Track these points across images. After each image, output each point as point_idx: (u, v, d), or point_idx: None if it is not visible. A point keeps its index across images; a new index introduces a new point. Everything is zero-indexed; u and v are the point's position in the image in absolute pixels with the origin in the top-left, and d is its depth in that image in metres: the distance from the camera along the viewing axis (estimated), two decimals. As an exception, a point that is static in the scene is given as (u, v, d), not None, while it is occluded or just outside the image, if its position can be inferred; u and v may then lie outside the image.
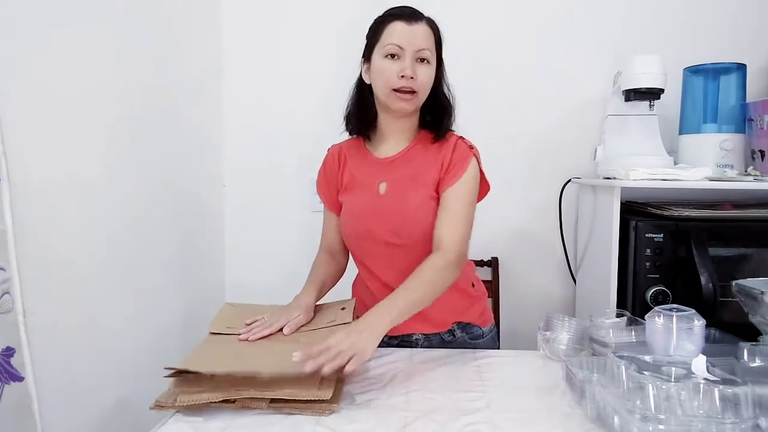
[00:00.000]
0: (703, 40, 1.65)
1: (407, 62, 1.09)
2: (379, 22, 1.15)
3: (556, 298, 1.75)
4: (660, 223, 1.32)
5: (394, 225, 1.14)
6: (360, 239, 1.19)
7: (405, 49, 1.09)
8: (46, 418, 0.98)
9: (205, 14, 1.72)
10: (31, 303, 0.96)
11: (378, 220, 1.15)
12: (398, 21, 1.11)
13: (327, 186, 1.26)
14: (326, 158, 1.28)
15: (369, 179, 1.18)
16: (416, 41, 1.10)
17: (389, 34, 1.11)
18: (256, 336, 1.02)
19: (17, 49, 0.96)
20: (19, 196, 0.94)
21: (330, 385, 0.87)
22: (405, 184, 1.15)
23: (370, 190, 1.17)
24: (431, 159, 1.16)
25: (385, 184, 1.17)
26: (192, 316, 1.56)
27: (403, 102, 1.11)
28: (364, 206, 1.17)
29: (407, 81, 1.09)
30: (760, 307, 0.97)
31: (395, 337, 1.22)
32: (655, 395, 0.72)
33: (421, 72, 1.11)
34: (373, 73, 1.14)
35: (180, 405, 0.84)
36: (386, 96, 1.12)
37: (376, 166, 1.19)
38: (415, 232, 1.13)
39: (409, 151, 1.19)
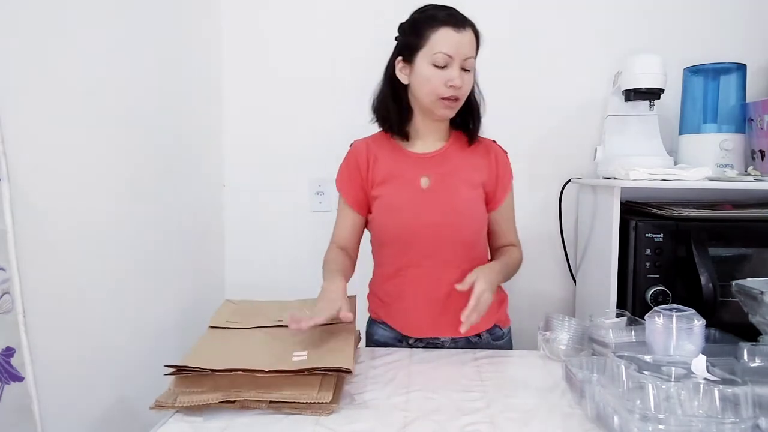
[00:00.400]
0: (703, 40, 1.65)
1: (456, 72, 1.09)
2: (426, 25, 1.11)
3: (556, 298, 1.75)
4: (660, 223, 1.32)
5: (440, 217, 1.15)
6: (405, 232, 1.16)
7: (454, 58, 1.08)
8: (46, 418, 0.98)
9: (206, 14, 1.71)
10: (31, 303, 0.96)
11: (424, 213, 1.15)
12: (448, 27, 1.08)
13: (350, 183, 1.22)
14: (351, 154, 1.25)
15: (409, 174, 1.18)
16: (464, 50, 1.09)
17: (438, 41, 1.08)
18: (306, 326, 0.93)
19: (17, 49, 0.96)
20: (19, 196, 0.94)
21: (329, 388, 0.87)
22: (450, 179, 1.17)
23: (412, 185, 1.17)
24: (474, 161, 1.20)
25: (427, 179, 1.17)
26: (192, 316, 1.56)
27: (448, 110, 1.13)
28: (408, 199, 1.16)
29: (454, 90, 1.10)
30: (760, 307, 0.97)
31: (421, 339, 1.21)
32: (654, 395, 0.72)
33: (466, 80, 1.11)
34: (417, 78, 1.12)
35: (180, 405, 0.84)
36: (431, 103, 1.12)
37: (415, 161, 1.19)
38: (463, 224, 1.17)
39: (447, 150, 1.20)
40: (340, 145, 1.77)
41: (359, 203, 1.22)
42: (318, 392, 0.85)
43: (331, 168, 1.78)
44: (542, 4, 1.71)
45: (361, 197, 1.21)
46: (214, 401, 0.84)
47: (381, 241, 1.22)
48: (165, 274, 1.45)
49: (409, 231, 1.16)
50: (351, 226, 1.23)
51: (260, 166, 1.81)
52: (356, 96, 1.76)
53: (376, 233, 1.22)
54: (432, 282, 1.16)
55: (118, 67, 1.24)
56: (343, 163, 1.25)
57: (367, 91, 1.76)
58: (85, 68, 1.13)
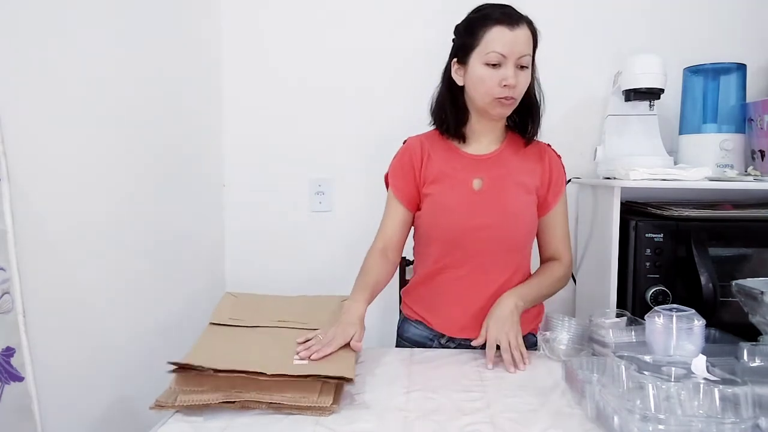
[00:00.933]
0: (703, 40, 1.65)
1: (510, 71, 1.08)
2: (479, 25, 1.10)
3: (556, 298, 1.73)
4: (660, 223, 1.32)
5: (490, 219, 1.14)
6: (455, 233, 1.16)
7: (508, 57, 1.07)
8: (46, 418, 0.98)
9: (206, 14, 1.71)
10: (31, 303, 0.96)
11: (475, 215, 1.14)
12: (501, 26, 1.07)
13: (404, 179, 1.21)
14: (405, 150, 1.23)
15: (461, 174, 1.17)
16: (518, 48, 1.08)
17: (491, 40, 1.07)
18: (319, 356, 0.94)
19: (17, 49, 0.96)
20: (19, 196, 0.94)
21: (330, 392, 0.87)
22: (503, 182, 1.17)
23: (465, 185, 1.16)
24: (528, 165, 1.20)
25: (480, 181, 1.16)
26: (192, 315, 1.56)
27: (503, 109, 1.12)
28: (460, 200, 1.16)
29: (509, 90, 1.09)
30: (760, 307, 0.97)
31: (454, 340, 1.21)
32: (655, 395, 0.72)
33: (521, 79, 1.10)
34: (472, 79, 1.12)
35: (180, 405, 0.84)
36: (486, 103, 1.11)
37: (468, 162, 1.18)
38: (514, 227, 1.16)
39: (502, 152, 1.20)
40: (341, 146, 1.79)
41: (410, 199, 1.21)
42: (318, 396, 0.85)
43: (331, 168, 1.80)
44: (542, 4, 1.71)
45: (413, 193, 1.20)
46: (214, 401, 0.84)
47: (428, 239, 1.21)
48: (165, 274, 1.45)
49: (457, 231, 1.15)
50: (399, 223, 1.22)
51: (260, 166, 1.81)
52: (357, 96, 1.78)
53: (424, 231, 1.21)
54: (474, 283, 1.16)
55: (118, 67, 1.24)
56: (395, 159, 1.24)
57: (367, 91, 1.77)
58: (85, 68, 1.13)
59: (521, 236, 1.19)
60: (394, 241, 1.22)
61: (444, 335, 1.21)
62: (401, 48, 1.74)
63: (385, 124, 1.75)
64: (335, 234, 1.80)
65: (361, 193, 1.79)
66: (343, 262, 1.78)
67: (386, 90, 1.76)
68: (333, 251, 1.81)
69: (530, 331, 1.23)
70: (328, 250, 1.81)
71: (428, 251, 1.21)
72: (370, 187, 1.76)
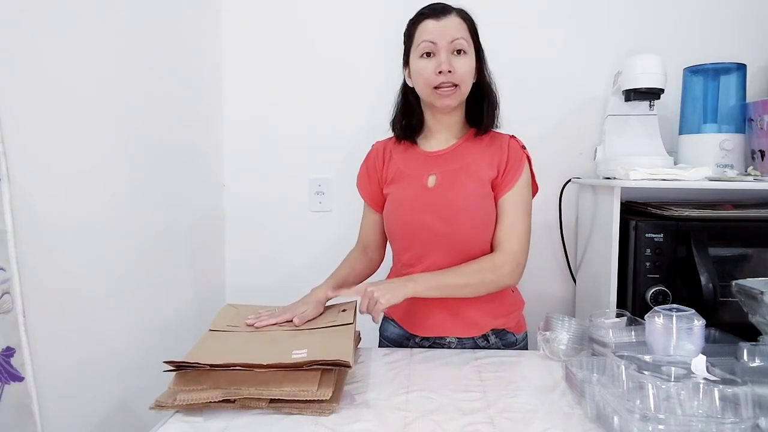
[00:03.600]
0: (703, 40, 1.65)
1: (443, 57, 1.09)
2: (411, 25, 1.16)
3: (556, 298, 1.76)
4: (660, 223, 1.31)
5: (444, 216, 1.14)
6: (407, 229, 1.18)
7: (438, 43, 1.09)
8: (46, 418, 0.98)
9: (206, 15, 1.71)
10: (31, 303, 0.96)
11: (427, 211, 1.15)
12: (428, 19, 1.12)
13: (369, 182, 1.27)
14: (370, 154, 1.29)
15: (417, 172, 1.19)
16: (447, 32, 1.10)
17: (421, 33, 1.12)
18: (262, 323, 1.07)
19: (17, 49, 0.96)
20: (19, 196, 0.94)
21: (329, 384, 0.87)
22: (455, 176, 1.16)
23: (419, 182, 1.17)
24: (482, 155, 1.18)
25: (434, 177, 1.17)
26: (192, 316, 1.56)
27: (446, 98, 1.12)
28: (413, 197, 1.17)
29: (446, 76, 1.09)
30: (760, 307, 0.97)
31: (428, 338, 1.21)
32: (654, 395, 0.72)
33: (459, 63, 1.10)
34: (413, 75, 1.15)
35: (180, 404, 0.84)
36: (428, 95, 1.13)
37: (424, 160, 1.20)
38: (466, 223, 1.14)
39: (458, 147, 1.20)
40: (341, 146, 1.79)
41: (376, 201, 1.26)
42: (318, 389, 0.85)
43: (331, 168, 1.80)
44: (541, 4, 1.71)
45: (378, 195, 1.25)
46: (213, 399, 0.84)
47: (389, 237, 1.26)
48: (165, 274, 1.46)
49: (407, 228, 1.17)
50: (372, 224, 1.29)
51: (260, 166, 1.81)
52: (356, 96, 1.78)
53: (386, 230, 1.25)
54: None
55: (118, 67, 1.24)
56: (362, 164, 1.30)
57: (367, 91, 1.77)
58: (85, 68, 1.13)
59: (473, 233, 1.14)
60: (371, 240, 1.30)
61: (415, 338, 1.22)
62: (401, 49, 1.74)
63: (385, 125, 1.75)
64: (335, 234, 1.80)
65: (361, 193, 1.78)
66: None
67: (386, 90, 1.76)
68: (333, 251, 1.80)
69: (505, 328, 1.21)
70: (328, 250, 1.81)
71: (393, 249, 1.26)
72: (370, 187, 1.76)
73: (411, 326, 1.22)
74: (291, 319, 1.09)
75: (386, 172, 1.23)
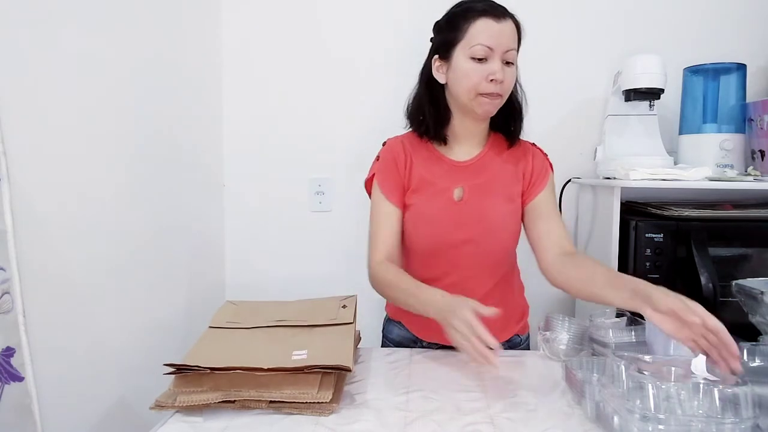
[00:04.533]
0: (703, 40, 1.65)
1: (497, 65, 1.02)
2: (462, 17, 1.04)
3: (556, 298, 1.75)
4: (660, 223, 1.32)
5: (473, 234, 1.09)
6: (433, 247, 1.12)
7: (494, 50, 1.02)
8: (46, 418, 0.98)
9: (206, 14, 1.71)
10: (31, 303, 0.96)
11: (457, 228, 1.09)
12: (486, 18, 1.02)
13: (394, 180, 1.13)
14: (387, 151, 1.16)
15: (442, 183, 1.11)
16: (505, 41, 1.03)
17: (477, 32, 1.02)
18: (495, 360, 0.84)
19: (17, 49, 0.96)
20: (19, 196, 0.94)
21: (329, 387, 0.87)
22: (483, 191, 1.11)
23: (445, 195, 1.11)
24: (510, 169, 1.14)
25: (460, 190, 1.11)
26: (192, 316, 1.56)
27: (489, 106, 1.06)
28: (441, 212, 1.10)
29: (496, 85, 1.03)
30: (760, 307, 0.97)
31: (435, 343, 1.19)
32: (654, 395, 0.72)
33: (508, 75, 1.05)
34: (456, 75, 1.06)
35: (180, 405, 0.84)
36: (471, 100, 1.05)
37: (449, 169, 1.12)
38: (495, 241, 1.11)
39: (484, 157, 1.14)
40: (341, 146, 1.79)
41: (399, 198, 1.13)
42: (318, 391, 0.85)
43: (331, 168, 1.80)
44: (541, 4, 1.71)
45: (402, 193, 1.13)
46: (213, 401, 0.84)
47: (408, 250, 1.16)
48: (165, 274, 1.46)
49: (437, 245, 1.11)
50: (396, 225, 1.12)
51: (260, 166, 1.81)
52: (357, 96, 1.78)
53: (405, 241, 1.16)
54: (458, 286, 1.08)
55: (119, 67, 1.24)
56: (380, 160, 1.16)
57: (367, 91, 1.77)
58: (85, 68, 1.13)
59: (504, 248, 1.14)
60: (396, 245, 1.14)
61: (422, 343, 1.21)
62: (401, 49, 1.74)
63: (385, 125, 1.74)
64: (335, 234, 1.80)
65: (361, 193, 1.78)
66: (343, 262, 1.79)
67: (386, 90, 1.76)
68: (333, 251, 1.81)
69: (516, 333, 1.22)
70: (328, 250, 1.81)
71: (410, 260, 1.17)
72: (370, 187, 1.76)
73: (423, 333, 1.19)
74: None
75: (410, 176, 1.13)
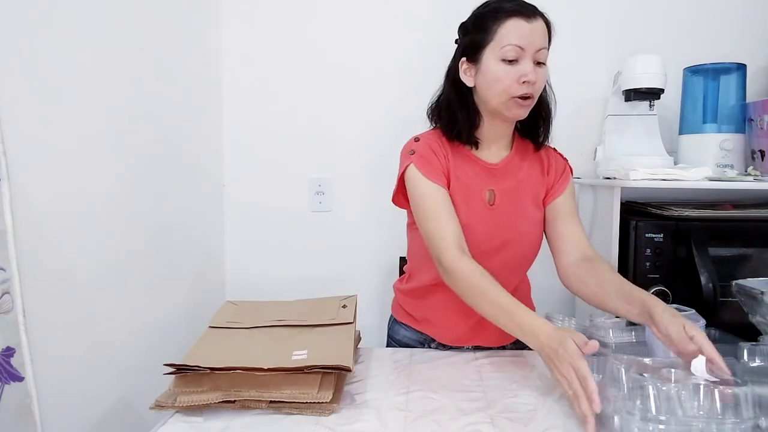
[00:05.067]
0: (703, 40, 1.65)
1: (529, 66, 0.99)
2: (491, 18, 1.01)
3: (556, 298, 1.75)
4: (660, 223, 1.32)
5: (504, 239, 1.09)
6: None
7: (526, 50, 0.99)
8: (46, 418, 0.98)
9: (206, 14, 1.71)
10: (31, 303, 0.96)
11: (489, 236, 1.08)
12: (517, 18, 0.99)
13: (438, 167, 1.06)
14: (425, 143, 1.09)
15: (475, 185, 1.09)
16: (536, 40, 0.99)
17: (508, 33, 0.99)
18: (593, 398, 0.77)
19: (17, 49, 0.96)
20: (19, 196, 0.94)
21: (329, 387, 0.87)
22: (513, 196, 1.10)
23: (477, 197, 1.09)
24: (535, 172, 1.14)
25: (491, 193, 1.10)
26: (192, 316, 1.56)
27: (522, 109, 1.03)
28: (477, 217, 1.08)
29: (528, 87, 1.00)
30: (760, 307, 0.97)
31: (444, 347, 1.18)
32: (655, 396, 0.72)
33: (540, 75, 1.02)
34: (486, 78, 1.02)
35: (180, 405, 0.84)
36: (502, 103, 1.02)
37: (481, 171, 1.10)
38: (524, 248, 1.12)
39: (512, 160, 1.13)
40: (341, 146, 1.79)
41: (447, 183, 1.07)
42: (318, 391, 0.85)
43: (331, 168, 1.80)
44: (541, 4, 1.71)
45: (448, 181, 1.08)
46: (213, 401, 0.84)
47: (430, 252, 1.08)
48: (165, 274, 1.46)
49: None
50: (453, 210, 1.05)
51: (260, 166, 1.81)
52: (357, 96, 1.78)
53: None
54: None
55: (119, 67, 1.24)
56: (420, 150, 1.08)
57: (367, 91, 1.77)
58: (85, 69, 1.13)
59: (531, 253, 1.15)
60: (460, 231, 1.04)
61: (435, 340, 1.20)
62: (401, 49, 1.74)
63: (385, 125, 1.75)
64: (335, 234, 1.80)
65: (361, 193, 1.79)
66: (343, 263, 1.79)
67: (386, 90, 1.76)
68: (333, 251, 1.81)
69: None
70: (328, 250, 1.81)
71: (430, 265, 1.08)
72: (370, 187, 1.76)
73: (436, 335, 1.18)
74: None
75: (449, 169, 1.08)
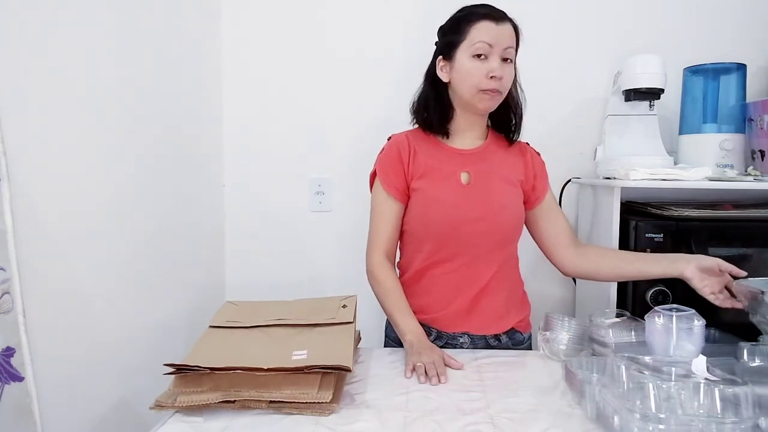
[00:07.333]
0: (703, 40, 1.65)
1: (496, 62, 1.11)
2: (465, 21, 1.14)
3: (556, 298, 1.75)
4: (660, 223, 1.32)
5: (485, 213, 1.16)
6: (447, 227, 1.16)
7: (494, 47, 1.11)
8: (46, 418, 0.98)
9: (206, 14, 1.71)
10: (31, 303, 0.96)
11: (469, 208, 1.16)
12: (487, 20, 1.12)
13: (395, 172, 1.20)
14: (391, 146, 1.23)
15: (448, 168, 1.19)
16: (504, 39, 1.12)
17: (478, 32, 1.11)
18: (440, 380, 0.98)
19: (17, 49, 0.96)
20: (19, 196, 0.94)
21: (329, 387, 0.87)
22: (488, 175, 1.19)
23: (452, 179, 1.18)
24: (510, 159, 1.23)
25: (467, 175, 1.18)
26: (192, 316, 1.56)
27: (490, 102, 1.14)
28: (451, 194, 1.17)
29: (495, 82, 1.11)
30: (760, 307, 0.97)
31: (441, 338, 1.20)
32: (655, 395, 0.72)
33: (507, 72, 1.13)
34: (459, 73, 1.14)
35: (180, 405, 0.84)
36: (472, 96, 1.14)
37: (453, 156, 1.20)
38: (505, 220, 1.19)
39: (487, 147, 1.23)
40: (341, 146, 1.79)
41: (401, 192, 1.20)
42: (318, 391, 0.85)
43: (331, 168, 1.80)
44: (541, 4, 1.71)
45: (404, 186, 1.20)
46: (213, 401, 0.84)
47: (419, 236, 1.20)
48: (165, 274, 1.45)
49: (450, 225, 1.16)
50: (394, 219, 1.21)
51: (260, 166, 1.81)
52: (357, 96, 1.78)
53: (414, 227, 1.20)
54: (465, 277, 1.18)
55: (119, 66, 1.24)
56: (383, 155, 1.24)
57: (367, 91, 1.77)
58: (85, 68, 1.13)
59: (510, 228, 1.21)
60: (393, 241, 1.22)
61: (431, 333, 1.20)
62: (401, 49, 1.74)
63: (385, 125, 1.75)
64: (335, 234, 1.80)
65: (361, 193, 1.78)
66: (343, 262, 1.79)
67: (386, 90, 1.76)
68: (333, 251, 1.81)
69: (513, 327, 1.22)
70: (328, 250, 1.81)
71: (420, 248, 1.20)
72: (370, 187, 1.76)
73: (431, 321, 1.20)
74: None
75: (413, 165, 1.20)
